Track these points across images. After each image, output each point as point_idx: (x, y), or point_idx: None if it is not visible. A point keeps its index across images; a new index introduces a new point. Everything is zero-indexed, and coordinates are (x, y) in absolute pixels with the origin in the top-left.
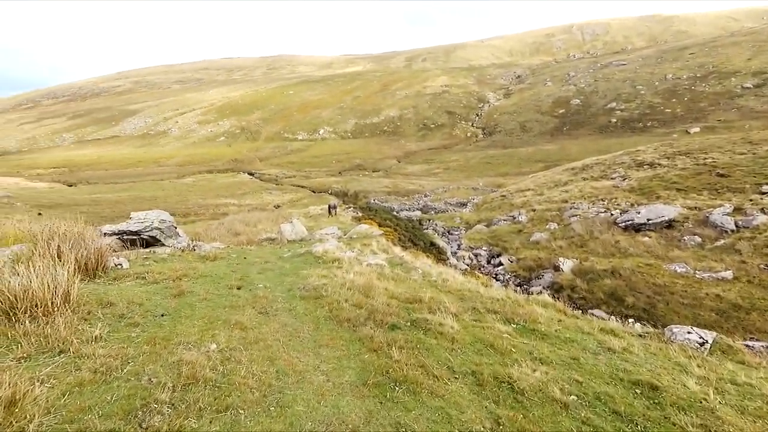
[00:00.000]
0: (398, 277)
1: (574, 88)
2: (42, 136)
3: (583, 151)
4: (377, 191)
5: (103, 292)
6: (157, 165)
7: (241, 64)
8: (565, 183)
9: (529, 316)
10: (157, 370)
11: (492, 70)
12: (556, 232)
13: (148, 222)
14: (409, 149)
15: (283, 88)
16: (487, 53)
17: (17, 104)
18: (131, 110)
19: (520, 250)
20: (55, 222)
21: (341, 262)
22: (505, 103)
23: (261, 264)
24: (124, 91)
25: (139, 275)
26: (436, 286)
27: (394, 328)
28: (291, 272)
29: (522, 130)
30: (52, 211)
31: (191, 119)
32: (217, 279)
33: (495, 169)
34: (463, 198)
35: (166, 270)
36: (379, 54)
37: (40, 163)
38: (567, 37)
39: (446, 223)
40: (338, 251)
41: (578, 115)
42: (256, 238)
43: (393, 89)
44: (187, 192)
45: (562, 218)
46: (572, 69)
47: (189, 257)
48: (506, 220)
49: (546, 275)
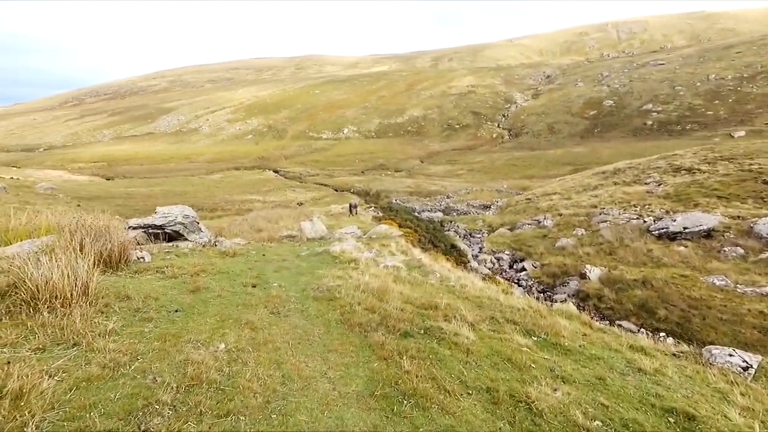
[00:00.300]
0: (415, 280)
1: (607, 88)
2: (84, 132)
3: (615, 154)
4: (399, 191)
5: (123, 286)
6: (188, 161)
7: (270, 64)
8: (595, 187)
9: (551, 329)
10: (163, 368)
11: (520, 70)
12: (584, 238)
13: (172, 217)
14: (432, 149)
15: (309, 88)
16: (516, 53)
17: (63, 102)
18: (166, 108)
19: (544, 255)
20: (83, 215)
21: (358, 262)
22: (533, 103)
23: (278, 262)
24: (160, 90)
25: (159, 269)
26: (454, 292)
27: (407, 335)
28: (307, 271)
29: (550, 132)
30: (91, 202)
31: (221, 117)
32: (233, 276)
33: (520, 171)
34: (487, 200)
35: (185, 265)
36: (406, 54)
37: (81, 157)
38: (601, 36)
39: (468, 226)
40: (356, 251)
41: (611, 117)
42: (277, 235)
43: (418, 89)
44: (214, 188)
45: (590, 224)
46: (606, 69)
47: (209, 253)
48: (531, 224)
49: (571, 283)
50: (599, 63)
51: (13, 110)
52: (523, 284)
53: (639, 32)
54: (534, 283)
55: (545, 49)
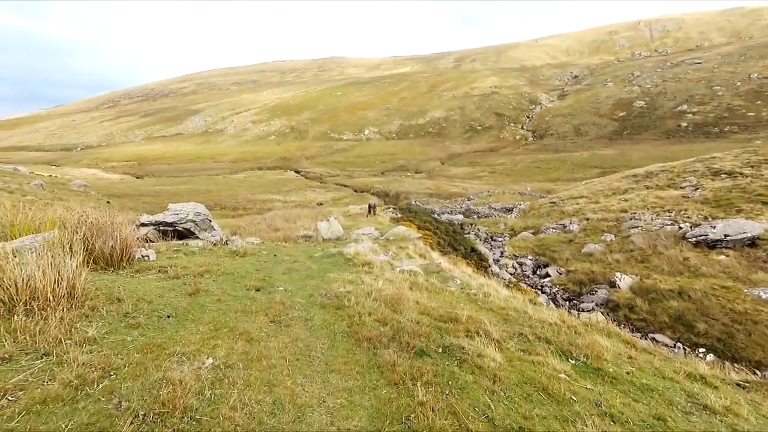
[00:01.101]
0: (433, 287)
1: (638, 89)
2: (118, 132)
3: (646, 157)
4: (419, 193)
5: (117, 286)
6: (213, 161)
7: (294, 66)
8: (625, 191)
9: (591, 349)
10: (135, 389)
11: (546, 70)
12: (613, 245)
13: (183, 214)
14: (453, 151)
15: (331, 90)
16: (542, 53)
17: (100, 104)
18: (194, 110)
19: (570, 261)
20: (87, 210)
21: (372, 266)
22: (558, 104)
23: (289, 263)
24: (189, 92)
25: (162, 268)
26: (476, 302)
27: (422, 354)
28: (317, 274)
29: (576, 134)
30: (120, 199)
31: (246, 119)
32: (238, 278)
33: (545, 174)
34: (509, 203)
35: (190, 264)
36: (428, 55)
37: (114, 156)
38: (632, 35)
39: (489, 229)
40: (371, 254)
41: (642, 118)
42: (293, 235)
43: (440, 90)
44: (237, 187)
45: (620, 229)
46: (637, 68)
47: (219, 252)
48: (555, 229)
49: (599, 291)
50: (630, 62)
51: (55, 112)
52: (547, 291)
53: (673, 30)
54: (558, 290)
55: (572, 48)
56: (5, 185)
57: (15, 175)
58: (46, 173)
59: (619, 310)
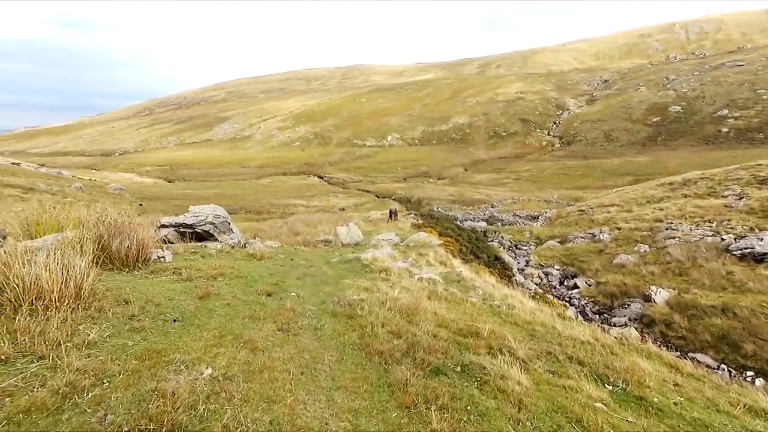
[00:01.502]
0: (453, 297)
1: (673, 93)
2: (153, 138)
3: (683, 164)
4: (441, 199)
5: (129, 288)
6: (240, 166)
7: (319, 74)
8: (660, 199)
9: (630, 374)
10: (123, 401)
11: (574, 75)
12: (647, 256)
13: (203, 216)
14: (477, 157)
15: (355, 97)
16: (569, 57)
17: (137, 112)
18: (223, 117)
19: (600, 272)
20: (108, 210)
21: (389, 272)
22: (587, 110)
23: (304, 268)
24: (219, 100)
25: (176, 270)
26: (499, 314)
27: (438, 373)
28: (332, 280)
29: (606, 140)
30: (152, 202)
31: (272, 125)
32: (251, 282)
33: (572, 181)
34: (535, 211)
35: (205, 267)
36: (451, 61)
37: (148, 161)
38: (666, 37)
39: (514, 237)
40: (389, 260)
41: (677, 124)
42: (313, 239)
43: (463, 96)
44: (262, 191)
45: (655, 240)
46: (672, 72)
47: (237, 255)
48: (584, 238)
49: (633, 305)
50: (664, 66)
51: (96, 120)
52: (576, 303)
53: (712, 32)
54: (588, 302)
55: (602, 52)
56: (49, 187)
57: (58, 178)
58: (86, 177)
59: (655, 326)
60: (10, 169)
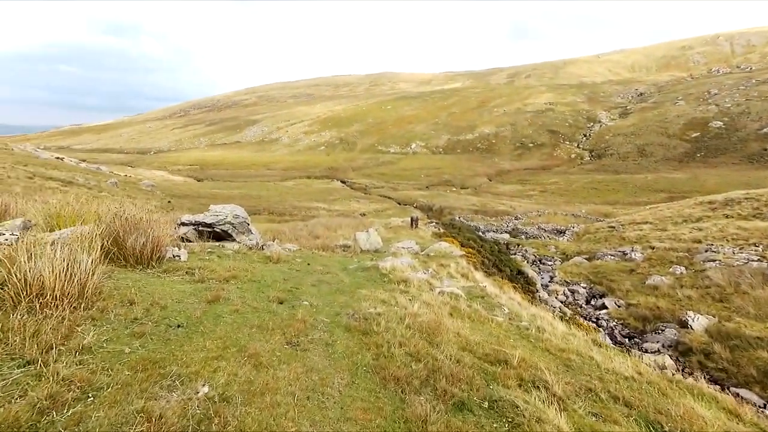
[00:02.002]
0: (477, 316)
1: (715, 108)
2: (186, 138)
3: (724, 183)
4: (463, 209)
5: (138, 287)
6: (266, 168)
7: (347, 81)
8: (699, 219)
9: (688, 422)
10: (105, 422)
11: (607, 87)
12: (684, 278)
13: (222, 216)
14: (502, 168)
15: (381, 103)
16: (603, 69)
17: (173, 113)
18: (252, 120)
19: (631, 293)
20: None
21: (409, 284)
22: (620, 123)
23: (320, 274)
24: (250, 104)
25: (190, 270)
26: (528, 338)
27: (463, 408)
28: (348, 289)
29: (640, 155)
30: (181, 200)
31: (299, 129)
32: (264, 286)
33: (602, 196)
34: (561, 225)
35: (219, 268)
36: (480, 71)
37: (180, 160)
38: (709, 50)
39: (538, 251)
40: (409, 270)
41: (719, 140)
42: (332, 244)
43: (491, 106)
44: (286, 194)
45: (693, 262)
46: (714, 86)
47: (253, 256)
48: (614, 256)
49: (667, 330)
50: (706, 80)
51: (135, 120)
52: (604, 325)
53: (760, 45)
54: (617, 325)
55: (638, 64)
56: (86, 182)
57: (96, 173)
58: (122, 173)
59: (692, 355)
60: (54, 163)
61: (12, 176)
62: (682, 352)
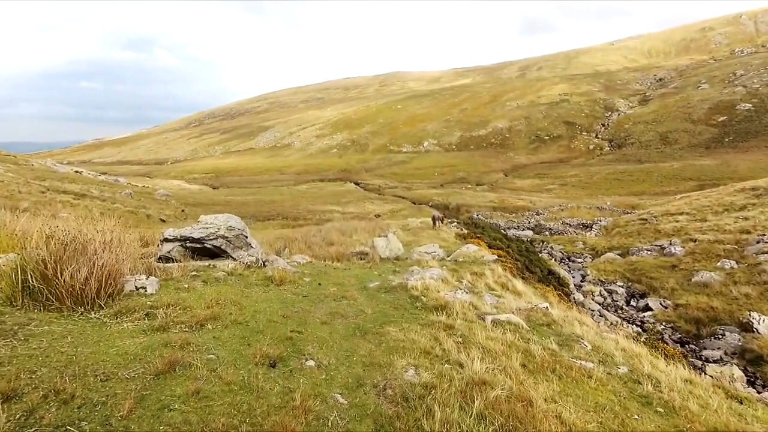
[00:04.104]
0: (562, 365)
1: (742, 90)
2: (201, 148)
3: (758, 168)
4: (481, 206)
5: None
6: (279, 173)
7: (357, 83)
8: (742, 207)
9: None
10: None
11: (624, 74)
12: (736, 274)
13: (213, 228)
14: (518, 162)
15: (391, 103)
16: (618, 56)
17: (188, 123)
18: (265, 126)
19: (677, 292)
20: (68, 221)
21: (450, 311)
22: (640, 111)
23: (334, 300)
24: (262, 110)
25: (153, 311)
26: (651, 404)
27: None
28: (371, 327)
29: (663, 142)
30: (195, 208)
31: (310, 133)
32: (252, 333)
33: (627, 187)
34: (586, 219)
35: (198, 304)
36: (490, 65)
37: (196, 169)
38: (731, 30)
39: (565, 248)
40: (443, 286)
41: (748, 123)
42: (348, 251)
43: (503, 100)
44: (300, 198)
45: (744, 255)
46: (740, 67)
47: (252, 277)
48: (650, 251)
49: (728, 335)
50: (730, 61)
51: (153, 132)
52: (649, 329)
53: None
54: (666, 328)
55: (655, 49)
56: (101, 193)
57: (113, 185)
58: (140, 184)
59: (764, 364)
60: (72, 177)
61: (24, 191)
62: (750, 360)
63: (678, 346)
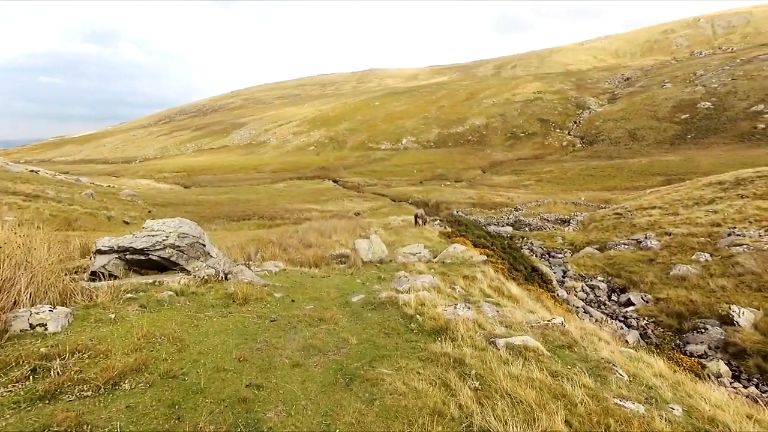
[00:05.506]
0: (610, 413)
1: (702, 89)
2: (172, 145)
3: (718, 163)
4: (460, 203)
5: None
6: (255, 171)
7: (334, 80)
8: (711, 201)
9: None
10: None
11: (594, 73)
12: (712, 267)
13: (160, 236)
14: (495, 159)
15: (369, 100)
16: (588, 56)
17: (158, 120)
18: (239, 123)
19: (656, 286)
20: None
21: (455, 335)
22: (609, 108)
23: (309, 326)
24: (236, 107)
25: (44, 363)
26: None
27: None
28: (359, 368)
29: (631, 139)
30: (164, 209)
31: (287, 130)
32: (189, 393)
33: (599, 182)
34: (563, 214)
35: (117, 346)
36: (466, 63)
37: (167, 167)
38: (691, 33)
39: (544, 243)
40: (439, 300)
41: (708, 121)
42: (328, 254)
43: (479, 97)
44: (277, 196)
45: (717, 248)
46: (700, 67)
47: (208, 297)
48: (627, 245)
49: (710, 329)
50: (691, 61)
51: (119, 128)
52: (633, 324)
53: (740, 25)
54: (648, 323)
55: (622, 50)
56: (57, 194)
57: (72, 185)
58: (105, 183)
59: (747, 358)
60: (26, 177)
61: None
62: (733, 354)
63: (662, 340)
